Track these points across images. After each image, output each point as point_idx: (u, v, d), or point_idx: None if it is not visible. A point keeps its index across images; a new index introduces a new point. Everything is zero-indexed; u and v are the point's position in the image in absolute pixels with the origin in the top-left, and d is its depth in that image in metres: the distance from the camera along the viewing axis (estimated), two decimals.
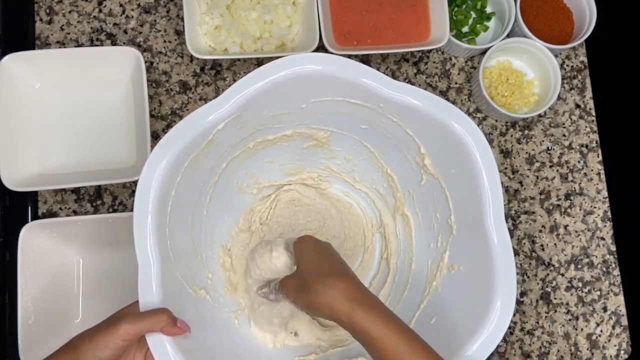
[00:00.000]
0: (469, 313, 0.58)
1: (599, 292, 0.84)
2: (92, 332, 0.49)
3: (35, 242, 0.70)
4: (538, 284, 0.83)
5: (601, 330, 0.83)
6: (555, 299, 0.83)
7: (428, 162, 0.63)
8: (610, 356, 0.83)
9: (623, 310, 0.84)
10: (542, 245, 0.84)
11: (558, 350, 0.82)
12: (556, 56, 0.85)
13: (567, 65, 0.89)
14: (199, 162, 0.59)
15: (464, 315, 0.58)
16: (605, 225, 0.86)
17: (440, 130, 0.58)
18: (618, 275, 0.85)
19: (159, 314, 0.50)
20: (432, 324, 0.62)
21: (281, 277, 0.62)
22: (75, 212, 0.79)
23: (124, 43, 0.83)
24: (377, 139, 0.66)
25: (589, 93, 0.89)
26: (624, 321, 0.84)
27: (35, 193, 0.79)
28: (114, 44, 0.83)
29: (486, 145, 0.57)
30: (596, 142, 0.87)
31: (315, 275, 0.56)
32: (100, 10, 0.84)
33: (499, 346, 0.80)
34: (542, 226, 0.85)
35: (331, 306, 0.53)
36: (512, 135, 0.86)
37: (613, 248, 0.85)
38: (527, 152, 0.86)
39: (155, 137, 0.81)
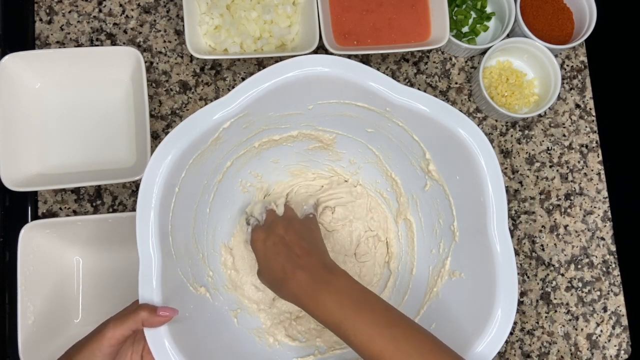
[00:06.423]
0: (469, 320, 0.57)
1: (599, 292, 0.84)
2: (82, 342, 0.52)
3: (35, 242, 0.70)
4: (538, 284, 0.83)
5: (601, 331, 0.83)
6: (555, 299, 0.83)
7: (433, 168, 0.63)
8: (610, 356, 0.83)
9: (623, 310, 0.84)
10: (542, 245, 0.84)
11: (558, 351, 0.82)
12: (556, 56, 0.85)
13: (567, 65, 0.89)
14: (204, 160, 0.59)
15: (464, 322, 0.58)
16: (605, 225, 0.86)
17: (446, 136, 0.58)
18: (618, 275, 0.85)
19: (138, 311, 0.51)
20: (432, 330, 0.62)
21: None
22: (75, 212, 0.79)
23: (124, 43, 0.83)
24: (383, 143, 0.66)
25: (589, 93, 0.89)
26: (624, 321, 0.84)
27: (35, 193, 0.79)
28: (114, 44, 0.83)
29: (492, 152, 0.57)
30: (596, 142, 0.87)
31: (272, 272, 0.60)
32: (100, 10, 0.84)
33: None
34: (542, 226, 0.85)
35: (294, 298, 0.57)
36: (512, 135, 0.86)
37: (613, 248, 0.85)
38: (527, 152, 0.86)
39: (155, 137, 0.81)
